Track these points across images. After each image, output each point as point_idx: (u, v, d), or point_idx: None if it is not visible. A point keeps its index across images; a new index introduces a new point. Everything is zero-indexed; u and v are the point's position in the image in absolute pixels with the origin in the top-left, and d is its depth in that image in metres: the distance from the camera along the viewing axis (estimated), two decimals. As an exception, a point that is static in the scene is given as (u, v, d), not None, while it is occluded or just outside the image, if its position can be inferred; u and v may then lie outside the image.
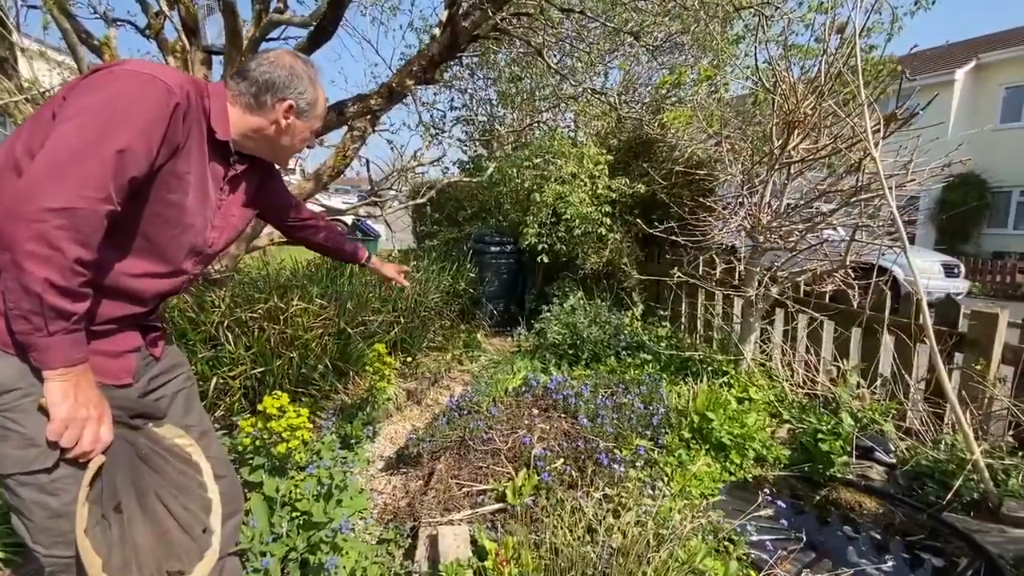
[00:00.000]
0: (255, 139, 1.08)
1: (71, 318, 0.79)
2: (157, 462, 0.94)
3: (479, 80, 5.83)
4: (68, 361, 0.81)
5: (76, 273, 0.78)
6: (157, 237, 0.95)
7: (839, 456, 2.17)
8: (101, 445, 0.86)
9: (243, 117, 1.05)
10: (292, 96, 1.07)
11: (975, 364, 2.27)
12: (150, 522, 0.87)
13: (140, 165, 0.84)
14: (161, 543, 0.88)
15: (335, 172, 2.83)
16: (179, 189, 0.94)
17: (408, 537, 1.80)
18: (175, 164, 0.92)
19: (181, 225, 0.97)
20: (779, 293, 2.90)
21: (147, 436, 0.99)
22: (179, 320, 2.58)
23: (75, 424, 0.82)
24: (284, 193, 1.42)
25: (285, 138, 1.11)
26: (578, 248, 4.07)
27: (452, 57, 2.23)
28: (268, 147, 1.12)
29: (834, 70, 2.34)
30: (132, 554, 0.84)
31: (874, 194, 2.33)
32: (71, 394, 0.81)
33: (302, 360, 2.68)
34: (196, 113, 0.95)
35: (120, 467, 0.87)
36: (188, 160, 0.95)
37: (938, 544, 1.84)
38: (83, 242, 0.77)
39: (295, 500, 1.64)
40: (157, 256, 0.97)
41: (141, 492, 0.88)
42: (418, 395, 3.19)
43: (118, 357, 0.97)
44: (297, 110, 1.09)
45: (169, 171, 0.91)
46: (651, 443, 2.24)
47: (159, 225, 0.94)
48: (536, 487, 1.86)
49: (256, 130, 1.07)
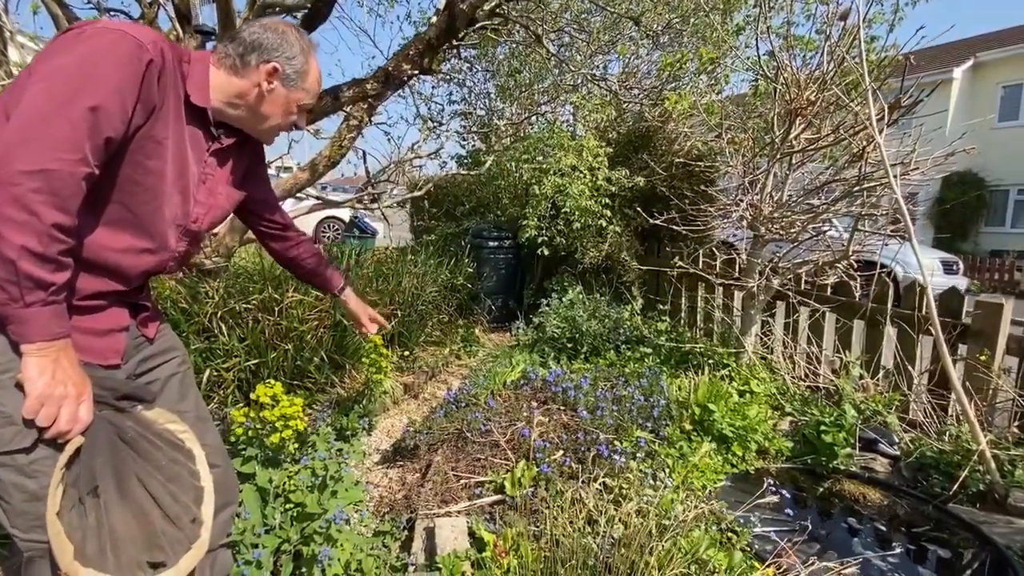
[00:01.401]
0: (239, 107, 1.03)
1: (49, 288, 0.75)
2: (144, 447, 0.90)
3: (478, 73, 5.79)
4: (47, 335, 0.77)
5: (54, 239, 0.74)
6: (137, 208, 0.90)
7: (842, 448, 2.14)
8: (80, 426, 0.81)
9: (228, 80, 1.00)
10: (278, 59, 1.01)
11: (979, 355, 2.24)
12: (131, 509, 0.83)
13: (115, 125, 0.80)
14: (143, 532, 0.83)
15: (331, 162, 2.79)
16: (157, 155, 0.90)
17: (404, 529, 1.76)
18: (152, 128, 0.88)
19: (161, 195, 0.93)
20: (780, 285, 2.87)
21: (135, 420, 0.94)
22: (172, 311, 2.54)
23: (51, 402, 0.78)
24: (266, 187, 1.34)
25: (267, 106, 1.04)
26: (577, 242, 4.04)
27: (450, 42, 2.19)
28: (251, 117, 1.05)
29: (837, 56, 2.31)
30: (109, 542, 0.79)
31: (878, 183, 2.30)
32: (49, 370, 0.77)
33: (297, 352, 2.64)
34: (173, 75, 0.91)
35: (100, 450, 0.82)
36: (166, 124, 0.90)
37: (944, 535, 1.81)
38: (61, 206, 0.73)
39: (289, 491, 1.60)
40: (139, 229, 0.93)
41: (123, 477, 0.84)
42: (415, 389, 3.15)
43: (104, 336, 0.93)
44: (283, 76, 1.02)
45: (146, 135, 0.87)
46: (652, 435, 2.20)
47: (138, 194, 0.90)
48: (535, 478, 1.83)
49: (240, 95, 1.01)
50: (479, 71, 5.75)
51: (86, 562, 0.77)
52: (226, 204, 1.11)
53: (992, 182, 13.36)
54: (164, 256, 0.99)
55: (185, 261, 1.09)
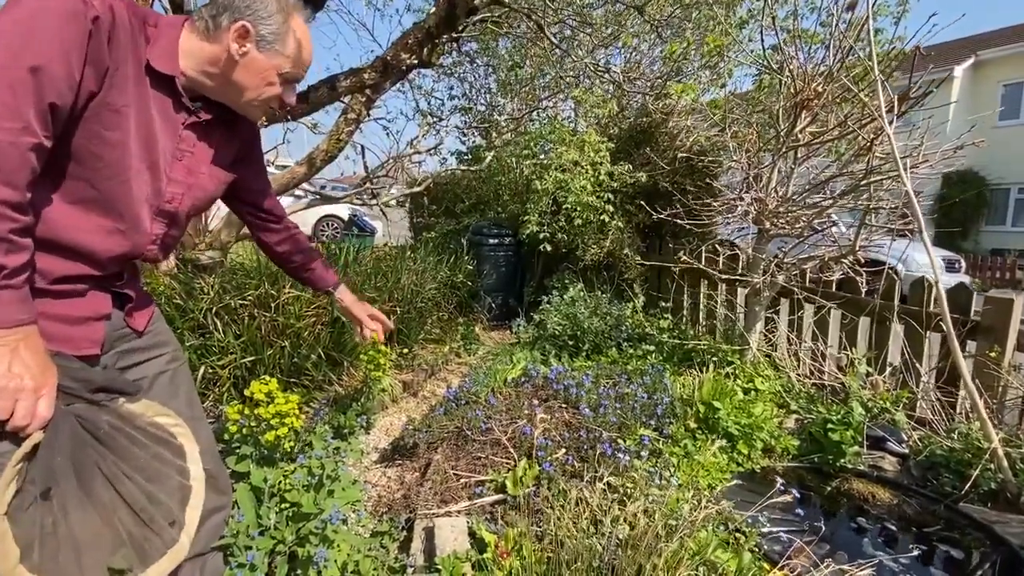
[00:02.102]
0: (214, 77, 0.95)
1: (1, 271, 0.69)
2: (121, 443, 0.85)
3: (478, 68, 5.74)
4: (5, 322, 0.71)
5: (2, 217, 0.68)
6: (101, 184, 0.84)
7: (850, 446, 2.10)
8: (38, 421, 0.75)
9: (199, 46, 0.92)
10: (250, 18, 0.90)
11: (989, 351, 2.20)
12: (97, 511, 0.77)
13: (60, 89, 0.73)
14: (109, 536, 0.78)
15: (328, 156, 2.74)
16: (117, 126, 0.83)
17: (403, 530, 1.72)
18: (108, 95, 0.81)
19: (126, 169, 0.86)
20: (785, 281, 2.83)
21: (115, 413, 0.90)
22: (167, 307, 2.49)
23: (5, 394, 0.72)
24: (260, 173, 1.24)
25: (242, 73, 0.94)
26: (578, 239, 4.00)
27: (450, 32, 2.14)
28: (227, 87, 0.95)
29: (844, 46, 2.27)
30: (68, 546, 0.74)
31: (886, 176, 2.25)
32: (5, 361, 0.71)
33: (294, 349, 2.59)
34: (131, 36, 0.83)
35: (62, 447, 0.76)
36: (123, 91, 0.83)
37: (956, 535, 1.77)
38: (6, 181, 0.68)
39: (284, 491, 1.56)
40: (107, 208, 0.87)
41: (86, 477, 0.78)
42: (415, 387, 3.10)
43: (80, 324, 0.88)
44: (256, 37, 0.92)
45: (101, 103, 0.80)
46: (656, 433, 2.16)
47: (100, 169, 0.83)
48: (537, 477, 1.78)
49: (212, 61, 0.92)
50: (480, 65, 5.70)
51: (33, 567, 0.71)
52: (210, 186, 1.04)
53: (993, 181, 13.33)
54: (139, 238, 0.93)
55: (168, 246, 1.02)
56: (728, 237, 4.19)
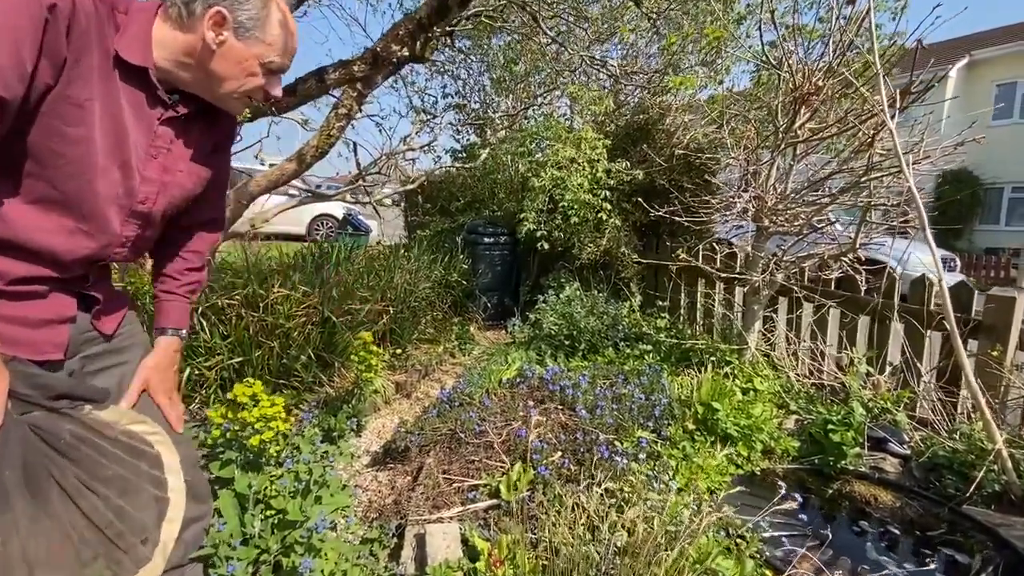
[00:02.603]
0: (190, 69, 0.88)
1: None
2: (85, 454, 0.79)
3: (472, 64, 5.67)
4: None
5: None
6: (63, 183, 0.79)
7: (851, 447, 2.06)
8: None
9: (173, 35, 0.86)
10: (225, 3, 0.84)
11: (991, 350, 2.17)
12: (53, 527, 0.72)
13: (10, 84, 0.67)
14: (68, 554, 0.72)
15: (319, 152, 2.67)
16: (80, 122, 0.77)
17: (394, 536, 1.66)
18: (67, 88, 0.75)
19: (91, 168, 0.80)
20: (784, 279, 2.79)
21: (79, 422, 0.83)
22: (151, 306, 2.42)
23: None
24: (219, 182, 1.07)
25: (220, 63, 0.87)
26: (574, 237, 3.95)
27: (442, 23, 2.08)
28: (205, 79, 0.89)
29: (845, 40, 2.22)
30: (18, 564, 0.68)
31: (887, 172, 2.22)
32: None
33: (283, 350, 2.53)
34: (95, 24, 0.77)
35: (11, 460, 0.70)
36: (87, 85, 0.77)
37: (960, 539, 1.73)
38: None
39: (270, 497, 1.50)
40: (69, 208, 0.81)
41: (40, 491, 0.72)
42: (408, 388, 3.04)
43: (42, 327, 0.82)
44: (234, 24, 0.85)
45: (60, 97, 0.74)
46: (654, 435, 2.11)
47: (61, 167, 0.78)
48: (532, 482, 1.73)
49: (187, 52, 0.86)
50: (474, 62, 5.63)
51: None
52: (188, 184, 0.97)
53: (987, 180, 13.39)
54: (106, 240, 0.87)
55: (140, 248, 0.96)
56: (725, 236, 4.16)
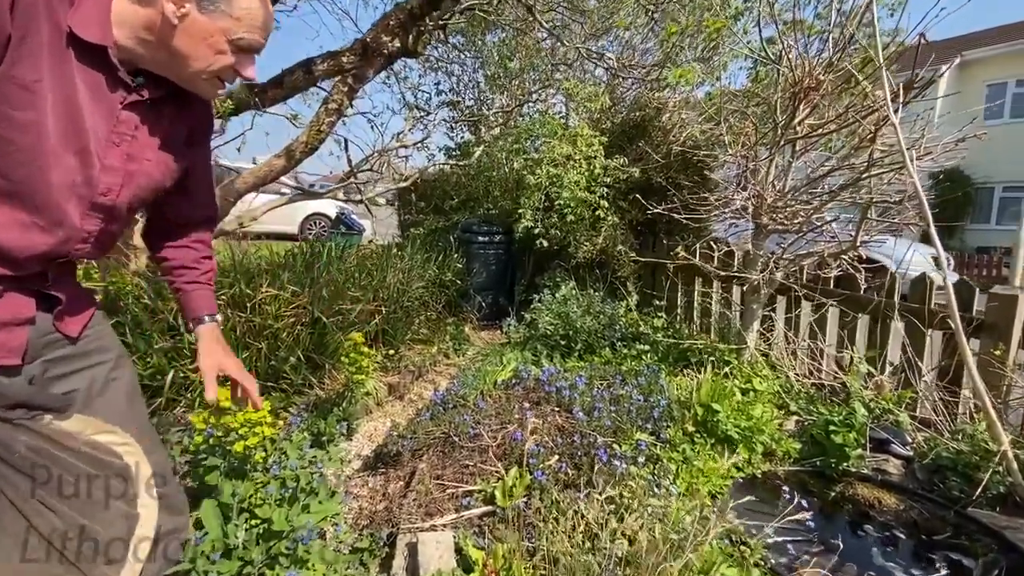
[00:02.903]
0: (151, 46, 0.82)
1: None
2: (43, 468, 0.73)
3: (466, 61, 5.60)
4: None
5: None
6: (12, 172, 0.73)
7: (853, 449, 2.02)
8: None
9: (132, 10, 0.79)
10: None
11: (993, 350, 2.13)
12: (11, 548, 0.66)
13: None
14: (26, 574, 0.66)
15: (308, 148, 2.60)
16: (29, 105, 0.71)
17: (385, 545, 1.60)
18: (13, 69, 0.69)
19: (42, 155, 0.74)
20: (783, 278, 2.75)
21: (37, 434, 0.77)
22: (135, 307, 2.35)
23: None
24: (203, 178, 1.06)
25: (183, 40, 0.81)
26: (571, 236, 3.90)
27: (434, 14, 2.02)
28: (168, 58, 0.83)
29: (846, 34, 2.18)
30: None
31: (888, 168, 2.18)
32: None
33: (272, 351, 2.46)
34: (45, 1, 0.71)
35: None
36: (35, 65, 0.71)
37: (965, 542, 1.69)
38: None
39: (255, 505, 1.43)
40: (24, 201, 0.75)
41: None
42: (400, 390, 2.98)
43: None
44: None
45: (5, 78, 0.69)
46: (653, 437, 2.06)
47: (11, 154, 0.72)
48: (528, 487, 1.67)
49: (148, 27, 0.80)
50: (468, 58, 5.57)
51: None
52: (156, 174, 0.90)
53: (978, 180, 13.49)
54: (64, 235, 0.80)
55: (105, 244, 0.89)
56: (723, 235, 4.12)
